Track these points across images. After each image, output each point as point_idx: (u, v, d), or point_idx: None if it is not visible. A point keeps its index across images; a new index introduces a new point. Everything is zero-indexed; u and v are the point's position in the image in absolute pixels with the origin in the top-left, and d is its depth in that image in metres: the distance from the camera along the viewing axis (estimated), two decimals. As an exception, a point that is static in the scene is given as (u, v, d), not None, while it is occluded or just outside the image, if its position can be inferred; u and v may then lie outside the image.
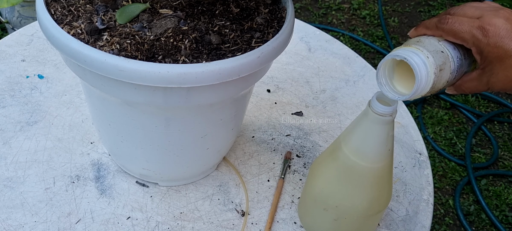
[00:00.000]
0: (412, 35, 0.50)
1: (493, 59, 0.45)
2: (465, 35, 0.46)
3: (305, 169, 0.69)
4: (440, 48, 0.46)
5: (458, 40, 0.47)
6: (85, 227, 0.58)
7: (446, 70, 0.46)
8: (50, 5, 0.49)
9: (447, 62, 0.46)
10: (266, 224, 0.61)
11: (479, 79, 0.48)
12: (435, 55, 0.45)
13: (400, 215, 0.64)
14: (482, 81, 0.47)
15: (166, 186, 0.64)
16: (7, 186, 0.61)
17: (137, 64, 0.43)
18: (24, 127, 0.69)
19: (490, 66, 0.46)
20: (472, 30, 0.45)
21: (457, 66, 0.47)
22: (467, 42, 0.46)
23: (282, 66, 0.86)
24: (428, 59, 0.44)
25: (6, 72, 0.77)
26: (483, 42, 0.45)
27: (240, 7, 0.53)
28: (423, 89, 0.45)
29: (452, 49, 0.47)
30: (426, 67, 0.44)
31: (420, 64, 0.44)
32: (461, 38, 0.46)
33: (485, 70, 0.46)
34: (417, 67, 0.44)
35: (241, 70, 0.45)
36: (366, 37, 2.01)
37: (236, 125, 0.60)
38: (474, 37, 0.45)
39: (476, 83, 0.48)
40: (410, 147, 0.74)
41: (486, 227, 1.39)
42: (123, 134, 0.55)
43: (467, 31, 0.46)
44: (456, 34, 0.46)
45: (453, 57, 0.47)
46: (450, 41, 0.47)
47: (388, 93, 0.47)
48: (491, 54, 0.45)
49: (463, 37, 0.46)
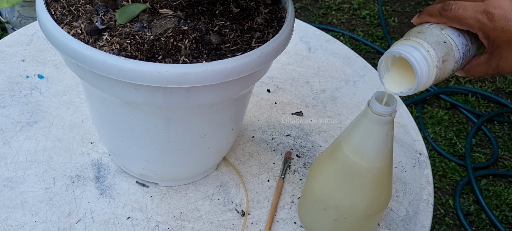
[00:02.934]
0: (416, 22, 0.49)
1: (501, 43, 0.44)
2: (470, 21, 0.44)
3: (305, 169, 0.69)
4: (443, 38, 0.45)
5: (463, 26, 0.45)
6: (85, 227, 0.58)
7: (450, 60, 0.45)
8: (50, 5, 0.49)
9: (450, 52, 0.45)
10: (266, 224, 0.61)
11: (487, 63, 0.46)
12: (437, 47, 0.44)
13: (400, 215, 0.64)
14: (491, 66, 0.46)
15: (166, 186, 0.64)
16: (7, 186, 0.61)
17: (137, 64, 0.43)
18: (24, 127, 0.69)
19: (498, 50, 0.44)
20: (477, 15, 0.44)
21: (462, 53, 0.46)
22: (473, 27, 0.45)
23: (282, 66, 0.86)
24: (429, 53, 0.43)
25: (6, 72, 0.77)
26: (489, 26, 0.43)
27: (240, 7, 0.53)
28: (426, 83, 0.44)
29: (456, 37, 0.46)
30: (427, 62, 0.43)
31: (420, 61, 0.43)
32: (466, 24, 0.45)
33: (493, 54, 0.45)
34: (417, 64, 0.43)
35: (241, 70, 0.46)
36: (366, 37, 2.01)
37: (236, 125, 0.60)
38: (480, 22, 0.44)
39: (485, 67, 0.47)
40: (410, 147, 0.74)
41: (486, 227, 1.39)
42: (123, 134, 0.55)
43: (472, 16, 0.44)
44: (461, 21, 0.45)
45: (457, 46, 0.46)
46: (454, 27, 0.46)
47: (390, 88, 0.46)
48: (499, 38, 0.43)
49: (468, 23, 0.44)
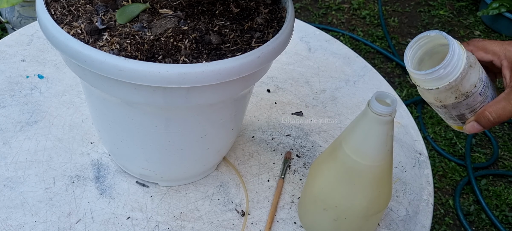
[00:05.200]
0: None
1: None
2: (495, 48, 0.44)
3: (305, 169, 0.69)
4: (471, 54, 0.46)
5: (488, 53, 0.45)
6: (85, 227, 0.58)
7: (475, 73, 0.45)
8: (50, 5, 0.49)
9: (475, 67, 0.45)
10: (266, 224, 0.61)
11: (507, 98, 0.43)
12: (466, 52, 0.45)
13: (400, 215, 0.64)
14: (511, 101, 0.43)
15: (166, 186, 0.64)
16: (7, 186, 0.61)
17: (137, 64, 0.43)
18: (24, 127, 0.69)
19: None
20: (503, 44, 0.44)
21: (483, 81, 0.45)
22: (499, 55, 0.45)
23: (282, 66, 0.86)
24: (461, 46, 0.44)
25: (6, 72, 0.77)
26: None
27: (240, 7, 0.53)
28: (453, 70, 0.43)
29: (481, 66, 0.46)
30: (460, 49, 0.43)
31: (454, 42, 0.43)
32: (492, 51, 0.44)
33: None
34: (451, 41, 0.43)
35: (241, 70, 0.45)
36: (366, 37, 2.01)
37: (236, 125, 0.60)
38: (506, 49, 0.44)
39: (504, 104, 0.44)
40: (410, 147, 0.74)
41: (486, 227, 1.39)
42: (123, 134, 0.55)
43: (498, 45, 0.44)
44: (487, 48, 0.45)
45: (480, 70, 0.46)
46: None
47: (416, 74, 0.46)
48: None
49: (494, 50, 0.44)
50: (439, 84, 0.45)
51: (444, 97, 0.47)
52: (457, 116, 0.48)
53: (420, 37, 0.47)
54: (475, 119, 0.46)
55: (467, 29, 2.12)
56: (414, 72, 0.46)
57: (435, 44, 0.47)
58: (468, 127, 0.46)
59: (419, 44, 0.47)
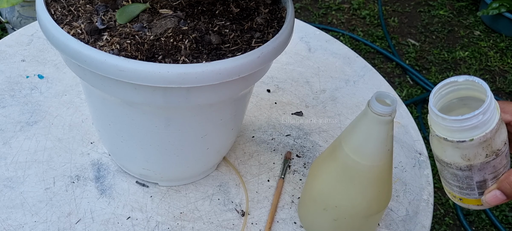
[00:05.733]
0: None
1: None
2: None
3: (305, 169, 0.69)
4: None
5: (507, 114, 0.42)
6: (85, 227, 0.58)
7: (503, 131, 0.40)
8: (50, 5, 0.49)
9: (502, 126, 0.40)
10: (266, 224, 0.61)
11: None
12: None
13: (400, 215, 0.64)
14: None
15: (166, 186, 0.64)
16: (7, 186, 0.61)
17: (137, 64, 0.43)
18: (24, 127, 0.69)
19: None
20: None
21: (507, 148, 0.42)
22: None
23: (282, 66, 0.86)
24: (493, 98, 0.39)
25: (6, 72, 0.77)
26: None
27: (240, 7, 0.53)
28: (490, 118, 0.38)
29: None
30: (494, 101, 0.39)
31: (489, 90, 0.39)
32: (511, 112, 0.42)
33: None
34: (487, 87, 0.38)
35: (241, 70, 0.45)
36: (366, 37, 2.01)
37: (236, 125, 0.60)
38: None
39: None
40: (410, 147, 0.74)
41: (486, 227, 1.39)
42: (123, 134, 0.55)
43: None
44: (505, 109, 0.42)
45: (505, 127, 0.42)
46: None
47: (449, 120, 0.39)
48: None
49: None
50: (474, 135, 0.39)
51: (474, 155, 0.40)
52: (478, 182, 0.42)
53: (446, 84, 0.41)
54: (498, 186, 0.40)
55: (467, 29, 2.12)
56: (446, 118, 0.39)
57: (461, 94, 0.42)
58: (489, 197, 0.41)
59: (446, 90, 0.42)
